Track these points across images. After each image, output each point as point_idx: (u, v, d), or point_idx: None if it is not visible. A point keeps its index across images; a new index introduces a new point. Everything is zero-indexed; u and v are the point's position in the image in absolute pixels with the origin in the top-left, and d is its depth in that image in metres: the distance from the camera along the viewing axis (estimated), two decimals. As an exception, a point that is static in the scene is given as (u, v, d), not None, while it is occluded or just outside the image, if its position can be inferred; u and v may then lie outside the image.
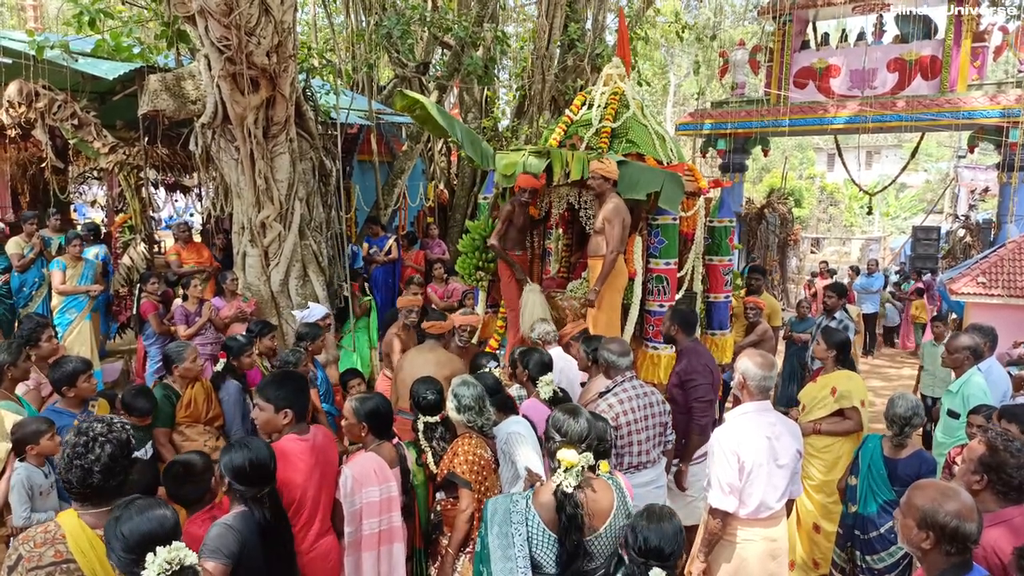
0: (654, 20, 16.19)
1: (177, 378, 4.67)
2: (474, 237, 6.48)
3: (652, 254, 5.85)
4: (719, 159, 15.04)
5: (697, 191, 6.24)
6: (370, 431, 3.54)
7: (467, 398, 3.61)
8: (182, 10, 6.30)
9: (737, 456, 3.34)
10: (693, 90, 29.79)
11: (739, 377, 3.51)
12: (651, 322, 5.87)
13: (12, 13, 24.20)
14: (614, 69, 6.50)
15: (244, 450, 2.78)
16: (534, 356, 4.49)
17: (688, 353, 4.79)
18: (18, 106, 7.21)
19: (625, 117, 6.19)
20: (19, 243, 7.46)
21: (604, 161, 5.47)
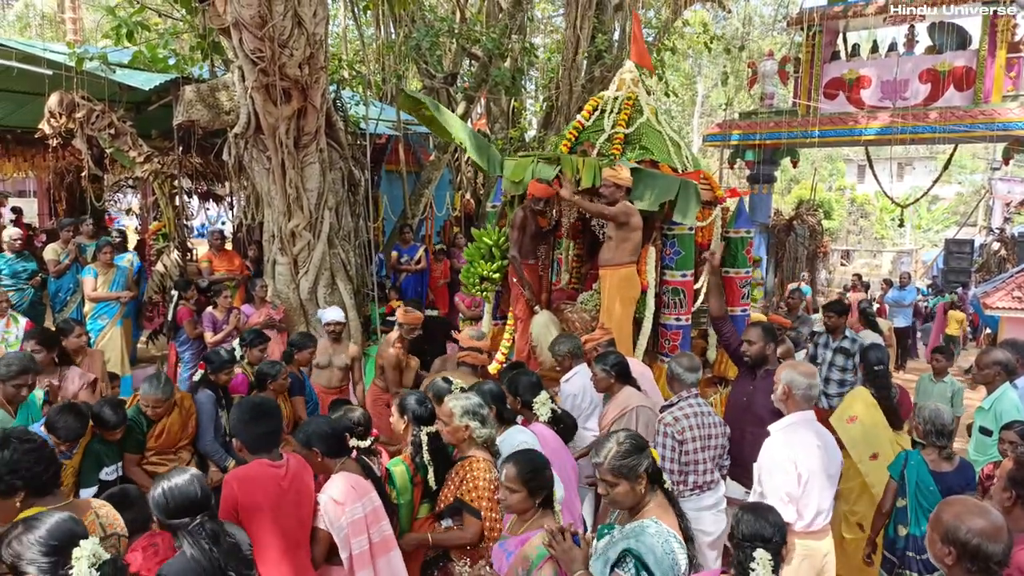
0: (681, 31, 16.16)
1: (270, 392, 4.83)
2: (479, 246, 6.27)
3: (667, 265, 5.65)
4: (747, 170, 14.93)
5: (713, 200, 6.04)
6: (324, 455, 3.25)
7: (469, 406, 3.39)
8: (217, 22, 6.45)
9: (795, 465, 3.28)
10: (721, 101, 29.65)
11: (783, 388, 3.47)
12: (667, 336, 5.68)
13: (52, 26, 24.86)
14: (627, 74, 6.30)
15: (164, 481, 2.57)
16: (521, 380, 4.19)
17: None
18: (59, 116, 7.41)
19: (639, 123, 6.00)
20: (55, 250, 7.63)
21: (616, 168, 5.28)
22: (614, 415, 4.13)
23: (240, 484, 2.94)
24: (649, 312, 5.57)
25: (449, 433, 3.40)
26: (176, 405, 4.43)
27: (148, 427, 4.31)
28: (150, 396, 4.22)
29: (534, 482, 2.76)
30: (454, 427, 3.36)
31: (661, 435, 3.79)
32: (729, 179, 22.89)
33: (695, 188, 5.23)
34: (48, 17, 25.50)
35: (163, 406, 4.28)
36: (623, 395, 4.20)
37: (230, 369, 4.85)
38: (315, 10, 6.27)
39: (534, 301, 5.77)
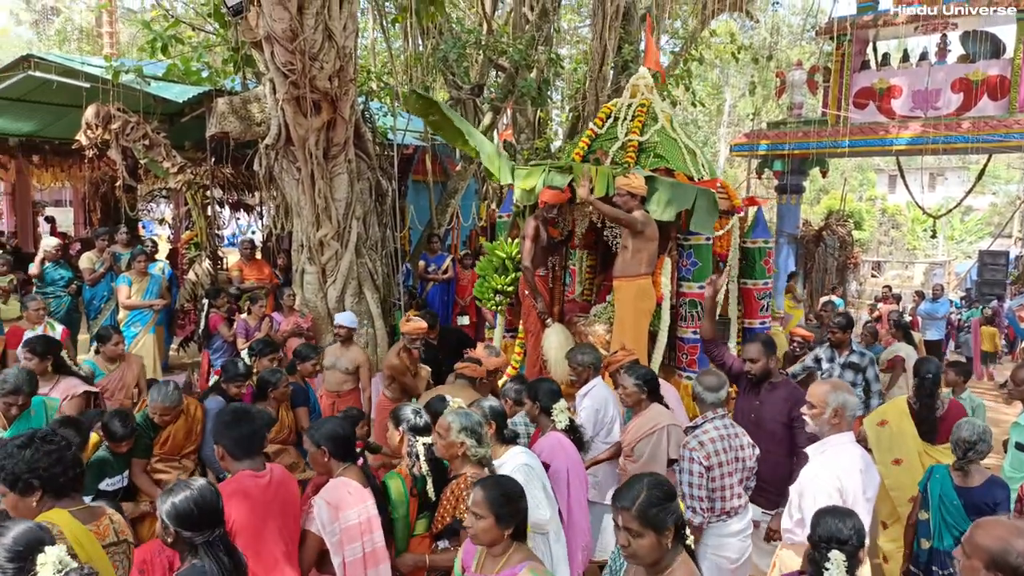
0: (708, 41, 16.11)
1: (271, 401, 4.80)
2: (492, 259, 6.13)
3: (684, 277, 5.48)
4: (775, 180, 14.80)
5: (731, 209, 5.87)
6: (331, 455, 3.22)
7: (468, 423, 3.24)
8: (249, 36, 6.57)
9: (840, 492, 3.14)
10: (748, 110, 29.46)
11: (834, 409, 3.29)
12: (684, 350, 5.49)
13: (89, 40, 25.49)
14: (641, 80, 6.14)
15: (186, 490, 2.45)
16: (542, 385, 4.13)
17: (786, 386, 4.31)
18: (95, 128, 7.59)
19: (653, 130, 5.79)
20: (91, 258, 7.81)
21: (630, 176, 5.11)
22: (642, 433, 4.00)
23: (228, 498, 2.83)
24: (664, 325, 5.39)
25: (443, 447, 3.26)
26: (183, 412, 4.42)
27: (156, 433, 4.32)
28: (157, 404, 4.22)
29: (504, 510, 2.52)
30: (449, 442, 3.22)
31: (687, 460, 3.63)
32: (756, 189, 22.72)
33: (712, 197, 5.09)
34: (86, 31, 26.15)
35: (171, 414, 4.29)
36: (652, 412, 4.07)
37: (242, 383, 4.81)
38: (345, 23, 6.36)
39: (546, 314, 5.60)
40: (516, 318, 6.12)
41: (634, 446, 4.06)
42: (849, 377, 5.84)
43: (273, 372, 4.95)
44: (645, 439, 3.97)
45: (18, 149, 11.32)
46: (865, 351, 5.98)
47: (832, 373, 5.89)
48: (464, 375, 4.82)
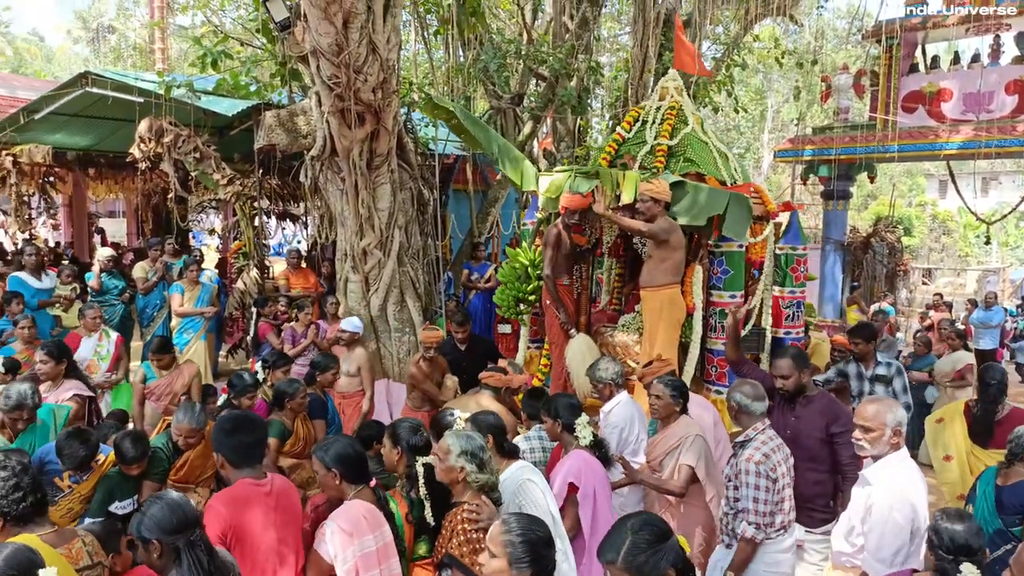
0: (751, 46, 15.93)
1: (288, 412, 4.67)
2: (514, 265, 5.95)
3: (715, 285, 5.28)
4: (821, 186, 14.54)
5: (765, 215, 5.63)
6: (343, 478, 3.03)
7: (469, 447, 2.99)
8: (296, 50, 6.73)
9: (913, 514, 3.02)
10: (792, 116, 29.01)
11: (894, 428, 3.19)
12: (714, 362, 5.27)
13: (142, 56, 26.35)
14: (671, 83, 5.94)
15: (156, 502, 2.44)
16: (560, 400, 3.92)
17: (823, 399, 4.14)
18: (148, 141, 7.84)
19: (683, 134, 5.59)
20: (144, 268, 8.06)
21: (654, 181, 4.90)
22: (669, 446, 3.84)
23: (227, 507, 2.82)
24: (696, 336, 5.17)
25: (443, 472, 3.03)
26: (204, 438, 4.21)
27: (177, 457, 4.13)
28: (184, 425, 4.03)
29: (522, 554, 2.19)
30: (448, 466, 2.99)
31: (754, 475, 3.45)
32: (802, 195, 22.34)
33: (746, 202, 4.85)
34: (139, 48, 27.04)
35: (196, 436, 4.10)
36: (680, 424, 3.91)
37: (253, 393, 4.71)
38: (388, 37, 6.47)
39: (569, 324, 5.37)
40: (541, 328, 5.96)
41: (662, 460, 3.92)
42: (880, 391, 5.56)
43: (290, 382, 4.83)
44: (673, 452, 3.84)
45: (75, 162, 11.74)
46: (892, 361, 5.75)
47: (863, 389, 5.63)
48: (489, 386, 4.66)
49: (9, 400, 3.97)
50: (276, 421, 4.59)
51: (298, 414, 4.75)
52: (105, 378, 5.71)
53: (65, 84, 9.09)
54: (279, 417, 4.62)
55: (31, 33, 40.19)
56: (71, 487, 3.70)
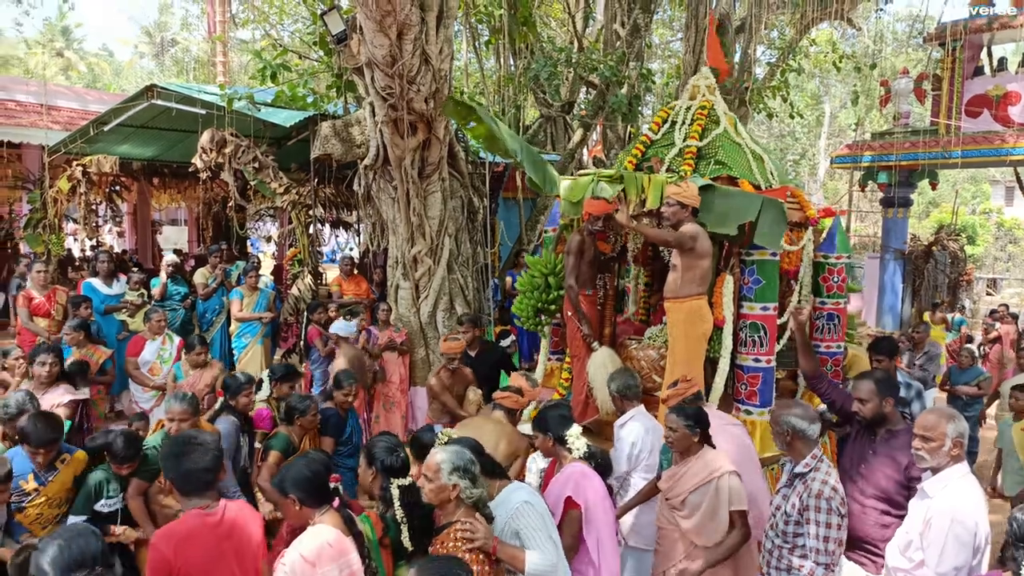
0: (807, 50, 15.63)
1: (297, 428, 4.55)
2: (534, 275, 5.64)
3: (746, 297, 4.89)
4: (880, 193, 14.17)
5: (804, 221, 5.27)
6: (302, 503, 2.84)
7: (460, 462, 2.84)
8: (351, 62, 6.88)
9: (976, 530, 2.89)
10: (849, 121, 28.31)
11: (953, 440, 3.07)
12: (743, 379, 4.86)
13: (203, 68, 27.27)
14: (702, 80, 5.62)
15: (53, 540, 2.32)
16: (549, 413, 3.70)
17: (907, 434, 3.53)
18: (209, 151, 8.11)
19: (714, 135, 5.27)
20: (204, 274, 8.34)
21: (682, 185, 4.60)
22: (697, 481, 3.49)
23: (171, 544, 2.66)
24: (726, 351, 4.80)
25: (433, 492, 2.84)
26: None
27: None
28: (175, 408, 4.07)
29: None
30: (439, 485, 2.81)
31: (825, 512, 3.22)
32: (860, 202, 21.78)
33: (780, 207, 4.46)
34: (201, 61, 27.98)
35: (188, 420, 4.09)
36: (708, 457, 3.56)
37: (248, 390, 4.59)
38: (441, 47, 6.56)
39: (591, 337, 5.07)
40: (562, 340, 5.74)
41: (686, 497, 3.51)
42: None
43: (302, 399, 4.68)
44: (701, 488, 3.46)
45: (140, 172, 12.22)
46: (912, 382, 5.26)
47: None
48: (503, 406, 4.38)
49: (8, 409, 4.02)
50: (282, 434, 4.52)
51: (308, 431, 4.62)
52: (165, 380, 5.92)
53: (132, 97, 9.47)
54: (286, 431, 4.53)
55: (102, 49, 41.99)
56: (37, 489, 3.68)
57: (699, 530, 3.49)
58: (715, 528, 3.46)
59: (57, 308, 6.89)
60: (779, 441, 3.53)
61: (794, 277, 5.32)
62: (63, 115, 12.07)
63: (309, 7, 9.85)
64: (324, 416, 4.77)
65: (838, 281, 5.47)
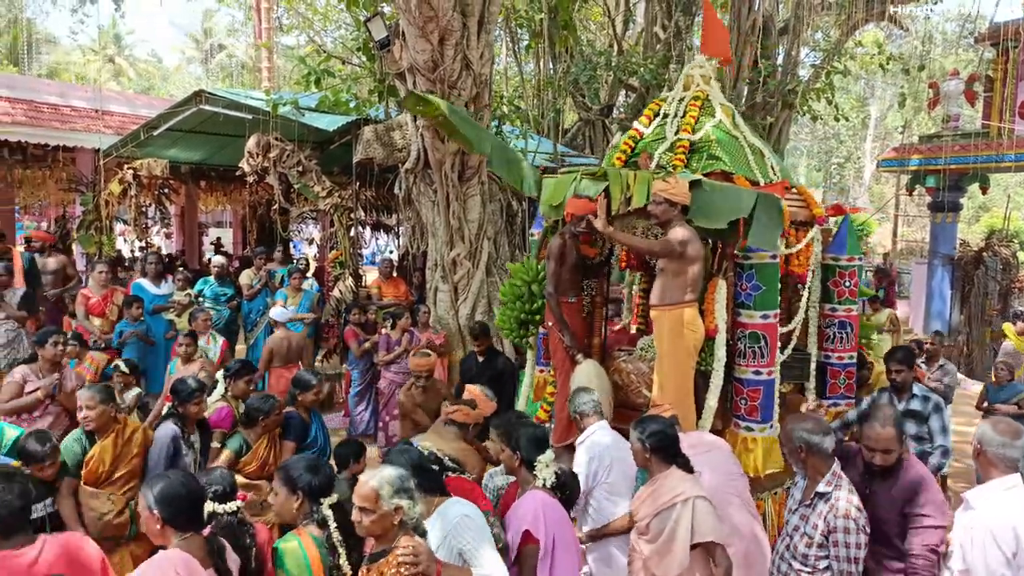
0: (852, 52, 15.36)
1: (259, 428, 4.34)
2: (516, 283, 5.29)
3: (743, 303, 4.46)
4: (928, 197, 13.84)
5: (810, 220, 4.85)
6: (166, 522, 2.54)
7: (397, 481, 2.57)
8: (394, 68, 6.98)
9: (1015, 543, 2.78)
10: (897, 124, 27.70)
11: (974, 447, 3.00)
12: (742, 394, 4.46)
13: (249, 74, 27.86)
14: (697, 70, 5.14)
15: None
16: (523, 431, 3.39)
17: (915, 469, 3.32)
18: (255, 155, 8.28)
19: (708, 127, 4.85)
20: (249, 275, 8.53)
21: (670, 180, 4.21)
22: (659, 505, 3.18)
23: None
24: (720, 364, 4.38)
25: (375, 524, 2.53)
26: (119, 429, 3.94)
27: (90, 446, 3.86)
28: (85, 395, 3.84)
29: None
30: (382, 514, 2.51)
31: (854, 532, 3.07)
32: (907, 207, 21.28)
33: (777, 203, 4.08)
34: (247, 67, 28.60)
35: (95, 410, 3.82)
36: (670, 481, 3.23)
37: (199, 399, 4.24)
38: (482, 52, 6.63)
39: (575, 349, 4.69)
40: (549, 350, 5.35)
41: (650, 521, 3.22)
42: (912, 430, 4.64)
43: (264, 399, 4.43)
44: (664, 514, 3.15)
45: (188, 175, 12.53)
46: (930, 395, 4.77)
47: None
48: (454, 421, 4.06)
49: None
50: (239, 435, 4.34)
51: (269, 432, 4.38)
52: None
53: (181, 102, 9.73)
54: (244, 431, 4.34)
55: (150, 55, 43.16)
56: None
57: (657, 559, 3.18)
58: (672, 559, 3.11)
59: (112, 308, 7.10)
60: (793, 459, 3.32)
61: (802, 281, 4.90)
62: (115, 120, 12.43)
63: (353, 14, 10.01)
64: (287, 419, 4.56)
65: (850, 285, 5.06)
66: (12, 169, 11.97)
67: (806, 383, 5.07)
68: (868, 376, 5.71)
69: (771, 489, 4.52)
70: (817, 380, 5.07)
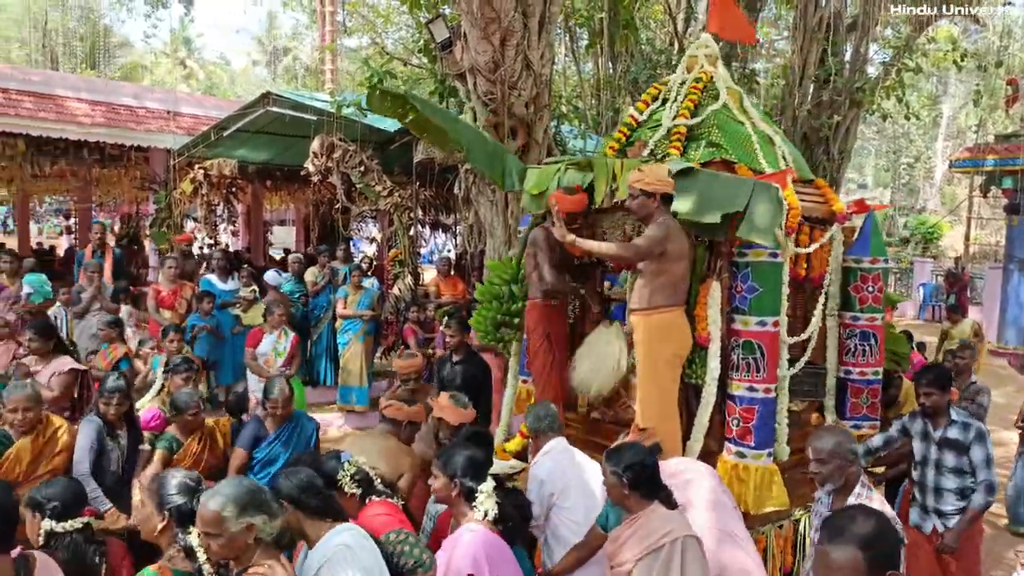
0: (924, 48, 14.84)
1: (178, 430, 4.19)
2: (493, 282, 4.93)
3: (739, 308, 3.92)
4: (1004, 199, 13.27)
5: (829, 217, 4.37)
6: None
7: (242, 498, 2.36)
8: (454, 69, 7.06)
9: None
10: (971, 122, 26.59)
11: None
12: (735, 413, 3.89)
13: (312, 75, 28.54)
14: (701, 50, 4.67)
15: None
16: (460, 453, 2.96)
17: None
18: (320, 156, 8.50)
19: (710, 111, 4.35)
20: (314, 272, 8.77)
21: (644, 169, 3.78)
22: (645, 547, 2.78)
23: None
24: (712, 378, 3.87)
25: (223, 548, 2.34)
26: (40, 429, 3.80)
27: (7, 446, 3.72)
28: (13, 395, 3.69)
29: None
30: (230, 536, 2.32)
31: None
32: (980, 208, 20.42)
33: (774, 193, 3.61)
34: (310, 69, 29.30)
35: (19, 410, 3.68)
36: (656, 517, 2.86)
37: (110, 399, 3.97)
38: (542, 52, 6.64)
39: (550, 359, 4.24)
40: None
41: (631, 568, 2.82)
42: (951, 462, 4.04)
43: (186, 396, 4.25)
44: (650, 557, 2.75)
45: (255, 175, 12.91)
46: (971, 421, 4.05)
47: (928, 455, 4.12)
48: (385, 417, 3.78)
49: None
50: (169, 434, 4.21)
51: (192, 431, 4.19)
52: (280, 372, 6.25)
53: (250, 104, 10.04)
54: (174, 430, 4.21)
55: (219, 58, 44.64)
56: None
57: None
58: None
59: (181, 302, 7.40)
60: (836, 477, 3.02)
61: (817, 285, 4.41)
62: (186, 121, 12.91)
63: (414, 16, 10.16)
64: (234, 427, 4.40)
65: (873, 291, 4.52)
66: (91, 168, 12.56)
67: (824, 401, 4.59)
68: (897, 395, 5.20)
69: (775, 522, 4.02)
70: (836, 398, 4.59)
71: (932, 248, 24.05)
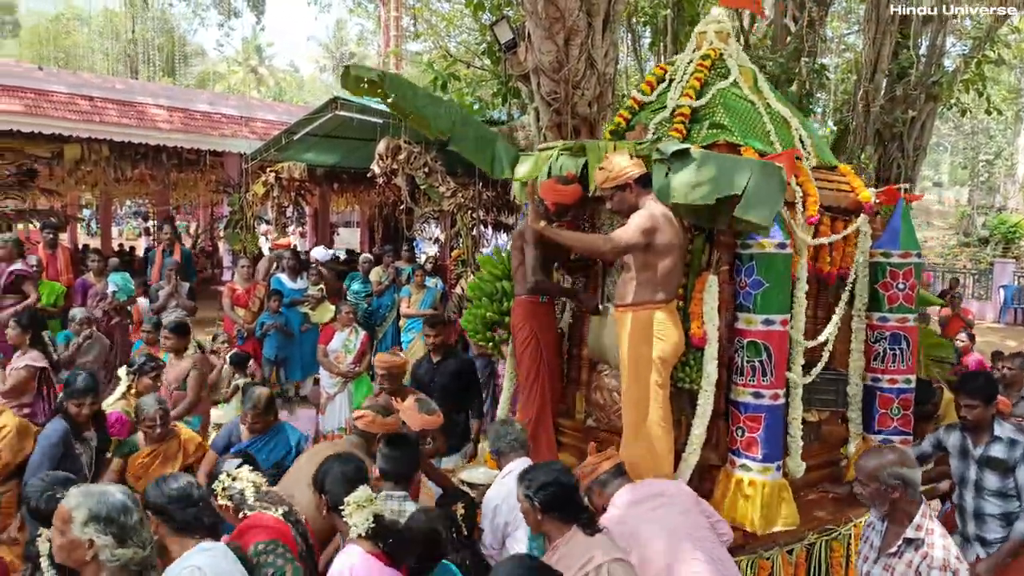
0: (1006, 39, 14.16)
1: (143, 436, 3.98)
2: (484, 279, 4.63)
3: (742, 305, 3.54)
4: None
5: (855, 206, 3.98)
6: None
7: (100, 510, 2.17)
8: (518, 69, 7.10)
9: None
10: (1057, 115, 25.23)
11: None
12: (739, 422, 3.52)
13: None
14: (711, 26, 4.27)
15: None
16: (333, 467, 2.69)
17: None
18: (385, 158, 8.66)
19: (716, 90, 3.96)
20: (379, 272, 8.96)
21: (604, 164, 3.45)
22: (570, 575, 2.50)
23: None
24: (710, 383, 3.46)
25: (62, 548, 2.19)
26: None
27: None
28: None
29: None
30: (70, 539, 2.16)
31: None
32: (1068, 207, 19.34)
33: (777, 174, 3.20)
34: (374, 73, 29.87)
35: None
36: (573, 546, 2.60)
37: (79, 401, 3.80)
38: (606, 51, 6.62)
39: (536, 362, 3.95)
40: None
41: None
42: (994, 483, 3.57)
43: (158, 402, 4.02)
44: None
45: (323, 178, 13.27)
46: (1018, 437, 3.58)
47: (966, 474, 3.68)
48: (357, 429, 3.47)
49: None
50: (132, 440, 4.03)
51: (156, 441, 3.95)
52: (349, 369, 6.41)
53: (318, 109, 10.32)
54: (139, 437, 4.01)
55: (289, 65, 46.01)
56: None
57: None
58: None
59: (254, 300, 7.67)
60: (879, 502, 2.75)
61: (842, 280, 4.05)
62: (258, 126, 13.37)
63: (477, 19, 10.26)
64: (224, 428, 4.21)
65: (904, 288, 4.09)
66: (168, 172, 13.13)
67: (849, 412, 4.18)
68: (936, 410, 4.72)
69: (783, 545, 3.55)
70: (863, 409, 4.19)
71: (1014, 248, 22.94)
